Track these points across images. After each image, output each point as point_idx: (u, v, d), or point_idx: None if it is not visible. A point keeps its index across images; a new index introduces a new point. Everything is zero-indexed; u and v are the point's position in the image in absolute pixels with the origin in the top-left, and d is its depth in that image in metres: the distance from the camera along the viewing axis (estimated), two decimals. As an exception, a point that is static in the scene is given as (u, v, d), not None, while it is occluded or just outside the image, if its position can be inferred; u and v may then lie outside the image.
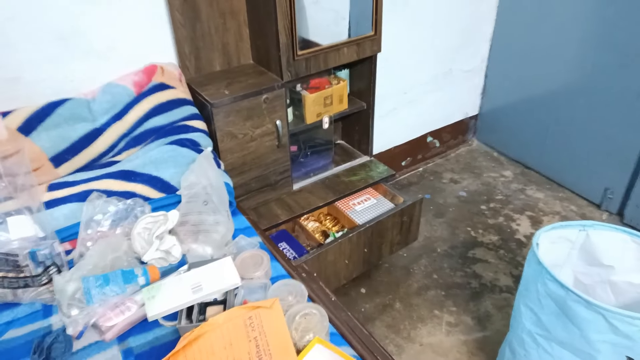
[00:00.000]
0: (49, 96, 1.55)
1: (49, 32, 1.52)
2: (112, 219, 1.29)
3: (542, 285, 1.33)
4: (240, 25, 1.83)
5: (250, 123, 1.74)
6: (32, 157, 1.44)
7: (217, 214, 1.32)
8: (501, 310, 2.06)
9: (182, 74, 1.76)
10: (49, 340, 1.01)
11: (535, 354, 1.42)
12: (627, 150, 2.33)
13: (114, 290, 1.08)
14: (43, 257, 1.13)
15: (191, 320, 1.04)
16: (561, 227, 1.47)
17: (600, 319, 1.20)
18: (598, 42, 2.29)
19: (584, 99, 2.45)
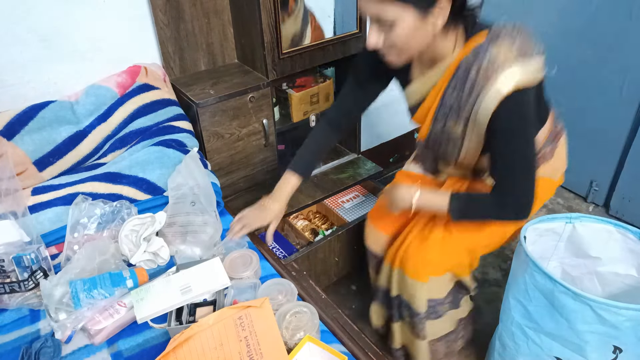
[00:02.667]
0: (31, 99, 1.54)
1: (31, 34, 1.51)
2: (98, 222, 1.28)
3: (529, 277, 1.35)
4: (225, 25, 1.82)
5: (237, 122, 1.74)
6: (15, 161, 1.43)
7: (205, 214, 1.32)
8: (490, 303, 2.07)
9: (166, 75, 1.75)
10: (37, 346, 1.01)
11: (524, 346, 1.44)
12: (612, 143, 2.36)
13: (102, 293, 1.07)
14: (29, 262, 1.12)
15: (181, 322, 1.04)
16: (548, 220, 1.49)
17: (587, 310, 1.21)
18: (582, 36, 2.32)
19: (568, 93, 2.47)
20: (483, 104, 1.08)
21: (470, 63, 1.08)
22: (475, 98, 1.09)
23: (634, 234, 1.39)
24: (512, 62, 1.04)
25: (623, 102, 2.24)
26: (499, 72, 1.05)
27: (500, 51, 1.05)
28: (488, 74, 1.06)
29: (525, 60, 1.06)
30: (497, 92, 1.05)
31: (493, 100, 1.06)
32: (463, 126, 1.17)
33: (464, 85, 1.11)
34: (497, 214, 1.28)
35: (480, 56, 1.07)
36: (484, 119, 1.10)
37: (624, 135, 2.29)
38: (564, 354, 1.34)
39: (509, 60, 1.05)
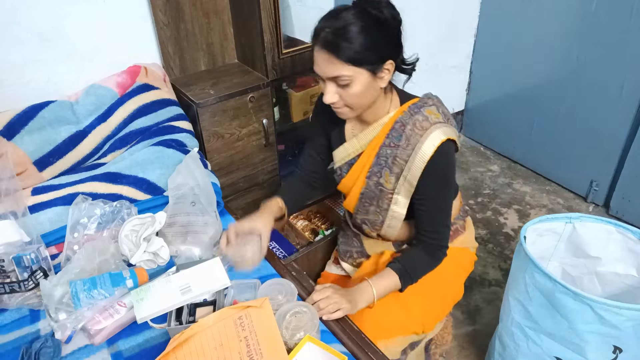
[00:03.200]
0: (31, 99, 1.54)
1: (31, 34, 1.51)
2: (98, 222, 1.28)
3: (529, 277, 1.35)
4: (225, 25, 1.82)
5: (237, 122, 1.74)
6: (15, 161, 1.43)
7: (206, 214, 1.32)
8: (491, 303, 2.07)
9: (166, 75, 1.75)
10: (37, 346, 1.00)
11: (524, 345, 1.44)
12: (612, 142, 2.36)
13: (102, 293, 1.07)
14: (29, 262, 1.12)
15: (181, 322, 1.04)
16: (548, 220, 1.49)
17: (588, 310, 1.21)
18: (582, 36, 2.32)
19: (568, 93, 2.47)
20: (420, 153, 1.22)
21: (406, 120, 1.25)
22: (411, 150, 1.23)
23: (634, 234, 1.39)
24: (440, 122, 1.24)
25: (623, 102, 2.24)
26: (432, 127, 1.22)
27: (432, 112, 1.25)
28: (424, 127, 1.22)
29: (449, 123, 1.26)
30: (432, 141, 1.21)
31: (430, 148, 1.21)
32: (395, 180, 1.28)
33: (399, 139, 1.25)
34: (430, 262, 1.37)
35: (415, 114, 1.25)
36: (419, 166, 1.23)
37: (624, 135, 2.30)
38: (564, 354, 1.34)
39: (438, 120, 1.24)
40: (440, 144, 1.20)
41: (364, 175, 1.34)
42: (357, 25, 1.12)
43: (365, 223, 1.44)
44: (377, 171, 1.31)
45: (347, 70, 1.13)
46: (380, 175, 1.31)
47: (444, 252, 1.37)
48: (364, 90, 1.17)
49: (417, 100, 1.28)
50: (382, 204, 1.35)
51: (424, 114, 1.24)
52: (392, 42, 1.18)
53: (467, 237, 1.52)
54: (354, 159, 1.37)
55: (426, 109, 1.25)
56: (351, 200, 1.43)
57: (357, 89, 1.16)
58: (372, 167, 1.32)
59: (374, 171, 1.32)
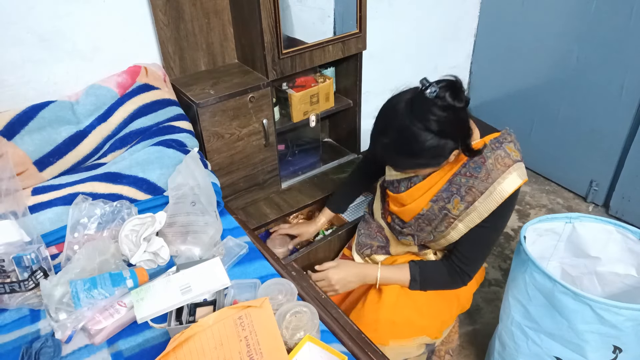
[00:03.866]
0: (32, 99, 1.54)
1: (31, 34, 1.51)
2: (98, 222, 1.28)
3: (529, 277, 1.35)
4: (225, 25, 1.82)
5: (237, 123, 1.74)
6: (15, 161, 1.43)
7: (206, 214, 1.32)
8: (490, 303, 2.07)
9: (166, 75, 1.75)
10: (37, 345, 1.01)
11: (524, 345, 1.44)
12: (612, 142, 2.36)
13: (102, 293, 1.07)
14: (29, 262, 1.12)
15: (181, 322, 1.04)
16: (548, 220, 1.49)
17: (587, 310, 1.21)
18: (581, 36, 2.32)
19: (568, 93, 2.47)
20: (499, 188, 1.23)
21: (487, 153, 1.25)
22: (489, 184, 1.24)
23: (634, 234, 1.39)
24: (519, 160, 1.26)
25: (623, 102, 2.24)
26: (514, 165, 1.24)
27: (512, 149, 1.27)
28: (506, 164, 1.24)
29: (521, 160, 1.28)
30: (514, 180, 1.23)
31: (511, 186, 1.23)
32: (464, 208, 1.29)
33: (478, 171, 1.26)
34: (447, 283, 1.42)
35: (497, 148, 1.26)
36: (496, 201, 1.24)
37: (624, 135, 2.30)
38: (564, 354, 1.34)
39: (517, 158, 1.26)
40: (521, 185, 1.24)
41: (429, 198, 1.35)
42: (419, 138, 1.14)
43: (412, 235, 1.46)
44: (445, 197, 1.32)
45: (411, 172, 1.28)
46: (448, 201, 1.32)
47: (465, 282, 1.40)
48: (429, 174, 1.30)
49: (499, 135, 1.30)
50: (440, 227, 1.36)
51: (505, 150, 1.25)
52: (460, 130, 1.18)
53: None
54: (415, 177, 1.38)
55: (507, 145, 1.26)
56: (405, 214, 1.44)
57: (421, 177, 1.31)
58: (440, 192, 1.33)
59: (442, 197, 1.33)
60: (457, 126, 1.16)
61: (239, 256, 1.29)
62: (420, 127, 1.12)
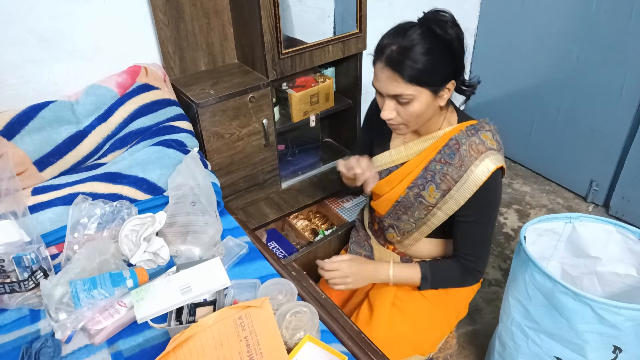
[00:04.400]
0: (31, 99, 1.54)
1: (31, 34, 1.51)
2: (98, 222, 1.28)
3: (529, 277, 1.35)
4: (225, 25, 1.82)
5: (237, 122, 1.74)
6: (15, 161, 1.43)
7: (206, 214, 1.32)
8: (490, 303, 2.07)
9: (166, 75, 1.75)
10: (37, 346, 1.00)
11: (524, 345, 1.44)
12: (612, 142, 2.36)
13: (102, 293, 1.07)
14: (29, 262, 1.12)
15: (181, 322, 1.04)
16: (548, 220, 1.49)
17: (587, 310, 1.21)
18: (581, 36, 2.32)
19: (568, 92, 2.47)
20: (472, 176, 1.23)
21: (462, 139, 1.25)
22: (463, 171, 1.24)
23: (634, 234, 1.39)
24: (495, 149, 1.25)
25: (623, 102, 2.24)
26: (487, 152, 1.23)
27: (488, 137, 1.26)
28: (480, 150, 1.23)
29: (500, 152, 1.27)
30: (486, 166, 1.22)
31: (484, 173, 1.22)
32: (440, 196, 1.29)
33: (453, 157, 1.26)
34: (459, 280, 1.41)
35: (472, 135, 1.25)
36: (471, 188, 1.24)
37: (624, 135, 2.30)
38: (564, 354, 1.34)
39: (493, 146, 1.25)
40: (494, 170, 1.21)
41: (406, 185, 1.35)
42: (423, 46, 1.13)
43: (393, 227, 1.45)
44: (421, 184, 1.32)
45: (409, 90, 1.15)
46: (423, 188, 1.31)
47: (477, 278, 1.40)
48: (424, 109, 1.19)
49: (475, 123, 1.29)
50: (419, 214, 1.36)
51: (480, 137, 1.25)
52: (455, 62, 1.18)
53: None
54: (397, 166, 1.37)
55: (483, 133, 1.26)
56: (383, 204, 1.43)
57: (416, 107, 1.18)
58: (416, 179, 1.32)
59: (417, 183, 1.32)
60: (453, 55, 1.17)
61: (239, 256, 1.29)
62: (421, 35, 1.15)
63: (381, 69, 1.17)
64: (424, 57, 1.12)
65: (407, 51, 1.13)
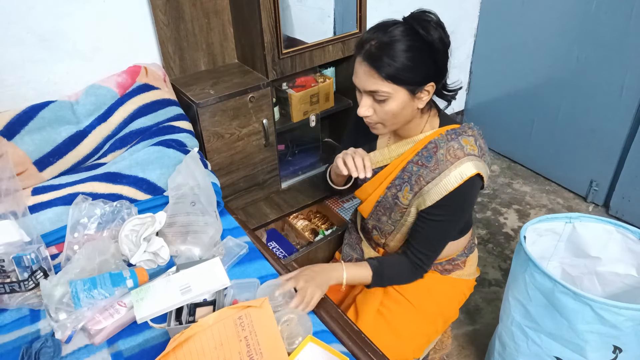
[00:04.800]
0: (31, 99, 1.54)
1: (31, 34, 1.51)
2: (98, 222, 1.28)
3: (529, 277, 1.35)
4: (225, 25, 1.82)
5: (237, 122, 1.74)
6: (15, 161, 1.43)
7: (206, 214, 1.32)
8: (490, 303, 2.07)
9: (166, 75, 1.75)
10: (37, 346, 1.00)
11: (524, 345, 1.44)
12: (612, 142, 2.36)
13: (102, 293, 1.07)
14: (29, 262, 1.12)
15: (180, 322, 1.04)
16: (548, 220, 1.49)
17: (588, 310, 1.21)
18: (581, 36, 2.32)
19: (568, 92, 2.47)
20: (444, 180, 1.21)
21: (441, 143, 1.23)
22: (437, 174, 1.22)
23: (634, 234, 1.39)
24: (475, 155, 1.22)
25: (623, 102, 2.24)
26: (464, 158, 1.20)
27: (469, 142, 1.23)
28: (457, 155, 1.21)
29: (482, 159, 1.25)
30: (460, 172, 1.20)
31: (456, 179, 1.20)
32: (412, 197, 1.28)
33: (429, 160, 1.24)
34: (407, 277, 1.38)
35: (451, 139, 1.23)
36: (440, 193, 1.22)
37: (624, 135, 2.30)
38: (564, 354, 1.34)
39: (473, 152, 1.22)
40: (467, 178, 1.19)
41: (385, 185, 1.34)
42: (403, 44, 1.11)
43: (375, 229, 1.45)
44: (398, 184, 1.31)
45: (385, 87, 1.13)
46: (400, 189, 1.31)
47: (421, 275, 1.37)
48: (400, 108, 1.17)
49: (457, 127, 1.26)
50: (395, 216, 1.35)
51: (460, 142, 1.22)
52: (436, 65, 1.16)
53: (464, 272, 1.51)
54: (380, 168, 1.37)
55: (463, 138, 1.23)
56: (366, 206, 1.43)
57: (392, 106, 1.16)
58: (395, 179, 1.32)
59: (395, 184, 1.32)
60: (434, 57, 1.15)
61: (239, 256, 1.29)
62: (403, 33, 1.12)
63: (359, 63, 1.17)
64: (402, 54, 1.11)
65: (386, 47, 1.11)
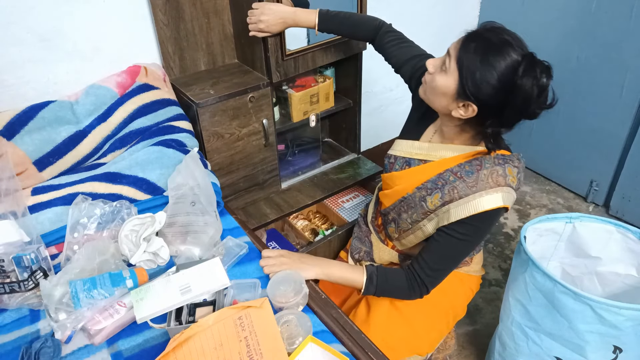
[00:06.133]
0: (31, 99, 1.54)
1: (31, 34, 1.51)
2: (98, 222, 1.28)
3: (530, 277, 1.35)
4: (225, 25, 1.82)
5: (237, 122, 1.74)
6: (15, 161, 1.42)
7: (206, 214, 1.32)
8: (490, 303, 2.07)
9: (166, 74, 1.75)
10: (37, 346, 1.00)
11: (524, 345, 1.44)
12: (612, 142, 2.36)
13: (102, 293, 1.07)
14: (29, 262, 1.12)
15: (180, 322, 1.04)
16: (548, 220, 1.49)
17: (588, 310, 1.21)
18: (581, 36, 2.32)
19: (568, 92, 2.47)
20: (476, 201, 1.20)
21: (487, 164, 1.22)
22: (472, 193, 1.21)
23: (634, 234, 1.39)
24: (513, 187, 1.21)
25: (623, 102, 2.24)
26: (504, 187, 1.19)
27: (512, 173, 1.22)
28: (498, 182, 1.19)
29: (516, 189, 1.23)
30: (495, 200, 1.18)
31: (488, 204, 1.19)
32: (440, 205, 1.26)
33: (469, 176, 1.22)
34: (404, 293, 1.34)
35: (498, 164, 1.22)
36: (469, 211, 1.21)
37: (624, 135, 2.30)
38: (564, 354, 1.34)
39: (513, 184, 1.21)
40: (498, 207, 1.19)
41: (416, 184, 1.33)
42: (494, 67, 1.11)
43: (394, 222, 1.44)
44: (429, 187, 1.29)
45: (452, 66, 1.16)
46: (430, 193, 1.29)
47: (422, 295, 1.33)
48: (441, 90, 1.18)
49: (507, 155, 1.25)
50: (417, 217, 1.34)
51: (505, 170, 1.21)
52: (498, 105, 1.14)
53: (470, 268, 1.51)
54: (413, 160, 1.36)
55: (509, 167, 1.22)
56: (390, 196, 1.42)
57: (439, 82, 1.19)
58: (427, 182, 1.30)
59: (426, 187, 1.30)
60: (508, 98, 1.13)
61: (239, 256, 1.29)
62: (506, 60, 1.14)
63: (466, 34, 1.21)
64: (490, 73, 1.11)
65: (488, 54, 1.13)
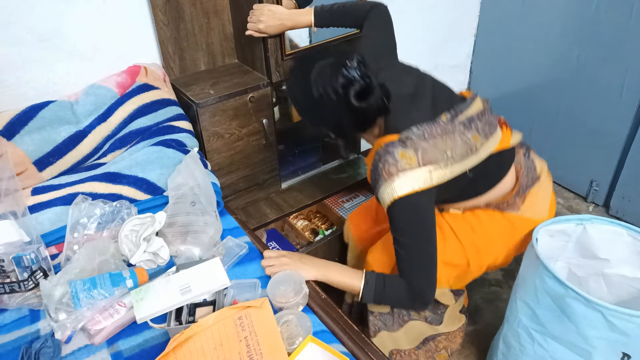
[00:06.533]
0: (31, 99, 1.54)
1: (31, 34, 1.51)
2: (98, 222, 1.28)
3: (540, 281, 1.33)
4: (225, 25, 1.82)
5: (237, 122, 1.74)
6: (15, 161, 1.42)
7: (206, 214, 1.32)
8: (491, 303, 2.07)
9: (166, 74, 1.75)
10: (37, 346, 1.00)
11: (530, 348, 1.43)
12: (612, 142, 2.35)
13: (102, 293, 1.07)
14: (29, 262, 1.12)
15: (180, 322, 1.04)
16: (560, 222, 1.47)
17: (599, 316, 1.20)
18: (581, 36, 2.32)
19: (568, 92, 2.47)
20: (380, 196, 1.19)
21: (380, 157, 1.18)
22: (379, 187, 1.19)
23: (645, 237, 1.37)
24: (412, 168, 1.15)
25: (623, 102, 2.24)
26: (395, 176, 1.14)
27: (405, 155, 1.15)
28: (390, 172, 1.15)
29: (425, 168, 1.15)
30: (392, 191, 1.15)
31: (389, 197, 1.16)
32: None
33: (375, 171, 1.20)
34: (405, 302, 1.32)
35: (387, 154, 1.16)
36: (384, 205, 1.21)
37: (624, 135, 2.29)
38: (570, 358, 1.33)
39: (410, 166, 1.15)
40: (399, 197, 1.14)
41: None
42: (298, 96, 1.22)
43: None
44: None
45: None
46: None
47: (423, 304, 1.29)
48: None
49: (396, 139, 1.18)
50: None
51: (395, 156, 1.15)
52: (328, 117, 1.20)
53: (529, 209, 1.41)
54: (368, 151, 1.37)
55: (400, 151, 1.15)
56: None
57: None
58: None
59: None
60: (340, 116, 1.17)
61: (239, 256, 1.29)
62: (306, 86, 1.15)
63: None
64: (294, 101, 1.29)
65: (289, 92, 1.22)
